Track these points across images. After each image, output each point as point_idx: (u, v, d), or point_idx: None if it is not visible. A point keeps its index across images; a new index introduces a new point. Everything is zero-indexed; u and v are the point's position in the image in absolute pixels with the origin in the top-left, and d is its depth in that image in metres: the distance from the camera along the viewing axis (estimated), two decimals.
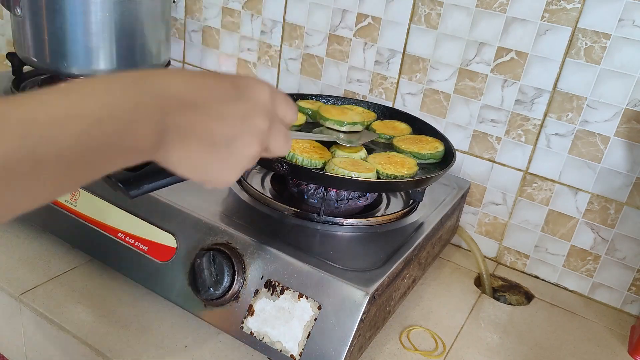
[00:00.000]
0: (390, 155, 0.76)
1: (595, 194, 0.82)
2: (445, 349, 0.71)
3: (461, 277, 0.87)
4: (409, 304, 0.78)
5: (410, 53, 0.92)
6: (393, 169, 0.72)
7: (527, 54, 0.82)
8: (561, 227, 0.86)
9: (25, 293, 0.70)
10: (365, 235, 0.69)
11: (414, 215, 0.75)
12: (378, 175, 0.70)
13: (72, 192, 0.75)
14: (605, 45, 0.76)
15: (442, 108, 0.91)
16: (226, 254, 0.61)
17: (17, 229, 0.82)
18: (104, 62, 0.95)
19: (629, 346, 0.77)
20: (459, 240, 0.95)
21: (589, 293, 0.87)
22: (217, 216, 0.66)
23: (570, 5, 0.77)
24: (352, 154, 0.74)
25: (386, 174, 0.71)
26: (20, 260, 0.76)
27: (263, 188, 0.78)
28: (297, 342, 0.58)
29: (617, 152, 0.79)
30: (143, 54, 1.00)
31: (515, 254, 0.92)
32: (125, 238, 0.70)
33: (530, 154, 0.86)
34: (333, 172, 0.68)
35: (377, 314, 0.62)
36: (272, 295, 0.60)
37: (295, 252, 0.61)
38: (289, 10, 1.02)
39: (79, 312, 0.68)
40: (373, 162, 0.73)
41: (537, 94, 0.83)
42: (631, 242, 0.81)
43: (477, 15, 0.84)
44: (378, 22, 0.93)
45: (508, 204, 0.90)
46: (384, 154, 0.76)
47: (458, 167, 0.92)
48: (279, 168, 0.66)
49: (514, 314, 0.80)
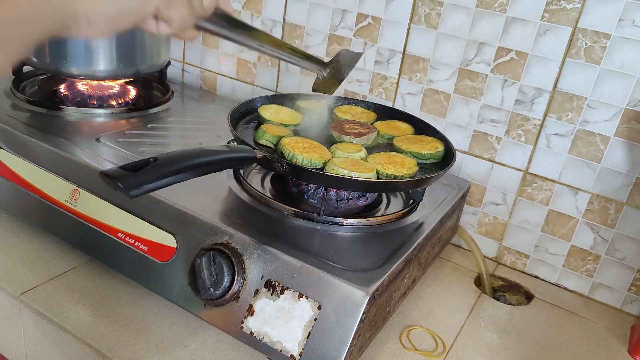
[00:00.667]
0: (390, 155, 0.76)
1: (595, 194, 0.82)
2: (445, 349, 0.71)
3: (461, 277, 0.87)
4: (409, 304, 0.78)
5: (410, 53, 0.92)
6: (393, 169, 0.72)
7: (527, 54, 0.82)
8: (561, 227, 0.86)
9: (25, 293, 0.70)
10: (365, 235, 0.69)
11: (414, 215, 0.75)
12: (378, 175, 0.70)
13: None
14: (605, 45, 0.76)
15: (442, 108, 0.91)
16: (226, 254, 0.61)
17: (17, 229, 0.82)
18: (104, 62, 0.95)
19: (629, 346, 0.77)
20: (459, 240, 0.95)
21: (589, 293, 0.87)
22: (217, 216, 0.66)
23: (570, 5, 0.77)
24: (352, 153, 0.74)
25: (386, 174, 0.71)
26: (20, 260, 0.76)
27: (263, 188, 0.78)
28: (297, 342, 0.58)
29: (617, 152, 0.79)
30: (143, 54, 1.00)
31: (515, 254, 0.92)
32: (125, 238, 0.70)
33: (530, 154, 0.86)
34: (333, 172, 0.68)
35: (377, 314, 0.62)
36: (272, 295, 0.60)
37: (295, 252, 0.61)
38: (289, 10, 1.02)
39: (79, 312, 0.68)
40: (373, 162, 0.73)
41: (537, 94, 0.83)
42: (631, 242, 0.81)
43: (477, 15, 0.84)
44: (378, 22, 0.93)
45: (508, 204, 0.90)
46: (383, 154, 0.76)
47: (458, 167, 0.92)
48: (279, 168, 0.66)
49: (514, 314, 0.80)
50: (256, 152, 0.66)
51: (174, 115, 1.00)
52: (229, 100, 1.13)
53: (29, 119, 0.87)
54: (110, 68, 0.96)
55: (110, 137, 0.84)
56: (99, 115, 0.94)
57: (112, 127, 0.89)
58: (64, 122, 0.89)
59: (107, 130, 0.87)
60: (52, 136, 0.81)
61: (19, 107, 0.91)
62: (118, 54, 0.96)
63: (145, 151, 0.81)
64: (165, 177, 0.54)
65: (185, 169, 0.56)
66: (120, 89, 1.03)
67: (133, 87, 1.05)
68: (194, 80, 1.22)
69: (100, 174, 0.51)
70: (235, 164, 0.73)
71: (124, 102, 1.00)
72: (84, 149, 0.79)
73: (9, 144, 0.82)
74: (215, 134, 0.92)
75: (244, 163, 0.77)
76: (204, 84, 1.21)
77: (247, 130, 0.80)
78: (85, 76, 0.96)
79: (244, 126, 0.81)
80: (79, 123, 0.90)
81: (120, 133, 0.87)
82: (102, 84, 1.02)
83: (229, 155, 0.63)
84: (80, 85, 1.01)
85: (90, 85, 1.01)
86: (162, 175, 0.54)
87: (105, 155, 0.78)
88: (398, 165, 0.73)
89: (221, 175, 0.76)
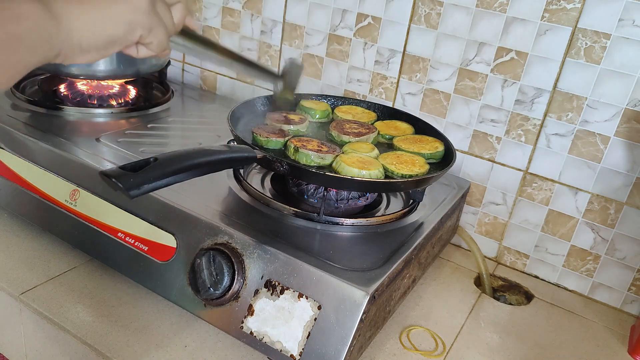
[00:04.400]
0: (398, 154, 0.76)
1: (595, 194, 0.82)
2: (445, 348, 0.71)
3: (461, 277, 0.87)
4: (409, 303, 0.78)
5: (410, 53, 0.92)
6: (406, 168, 0.72)
7: (527, 54, 0.82)
8: (561, 227, 0.86)
9: (25, 293, 0.70)
10: (365, 235, 0.69)
11: (414, 215, 0.75)
12: (392, 176, 0.71)
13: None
14: (605, 45, 0.76)
15: (442, 108, 0.91)
16: (226, 254, 0.61)
17: (17, 229, 0.82)
18: (104, 62, 0.95)
19: (628, 346, 0.77)
20: (459, 240, 0.95)
21: (588, 293, 0.87)
22: (217, 216, 0.66)
23: (570, 5, 0.77)
24: (363, 153, 0.74)
25: (401, 174, 0.71)
26: (20, 260, 0.76)
27: (263, 188, 0.78)
28: (297, 341, 0.58)
29: (617, 152, 0.79)
30: None
31: (515, 253, 0.92)
32: (125, 238, 0.70)
33: (530, 153, 0.86)
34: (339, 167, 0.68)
35: (377, 313, 0.62)
36: (272, 295, 0.60)
37: (295, 252, 0.61)
38: (289, 10, 1.02)
39: (79, 312, 0.68)
40: (384, 162, 0.73)
41: (537, 94, 0.83)
42: (631, 242, 0.81)
43: (477, 15, 0.84)
44: (378, 22, 0.93)
45: (508, 204, 0.90)
46: (392, 153, 0.76)
47: (458, 167, 0.92)
48: (279, 168, 0.66)
49: (514, 314, 0.80)
50: (256, 152, 0.66)
51: (174, 115, 1.00)
52: (229, 100, 1.13)
53: (29, 119, 0.87)
54: (110, 68, 0.96)
55: (110, 137, 0.84)
56: (99, 115, 0.94)
57: (112, 127, 0.89)
58: (63, 122, 0.89)
59: (107, 130, 0.87)
60: (52, 136, 0.81)
61: (19, 107, 0.91)
62: (118, 54, 0.95)
63: (145, 151, 0.81)
64: (165, 177, 0.54)
65: (185, 169, 0.56)
66: (120, 89, 1.03)
67: (133, 87, 1.05)
68: (194, 80, 1.22)
69: (100, 174, 0.51)
70: (235, 164, 0.73)
71: (124, 102, 1.00)
72: (84, 149, 0.79)
73: (9, 143, 0.82)
74: (215, 134, 0.92)
75: (244, 163, 0.77)
76: (204, 84, 1.21)
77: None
78: (85, 76, 0.96)
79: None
80: (79, 123, 0.90)
81: (120, 133, 0.87)
82: (102, 84, 1.02)
83: (229, 155, 0.63)
84: (80, 85, 1.01)
85: (90, 85, 1.01)
86: (162, 175, 0.54)
87: (105, 155, 0.78)
88: (409, 164, 0.73)
89: (221, 175, 0.76)
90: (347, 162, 0.69)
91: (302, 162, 0.70)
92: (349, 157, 0.71)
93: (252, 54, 1.11)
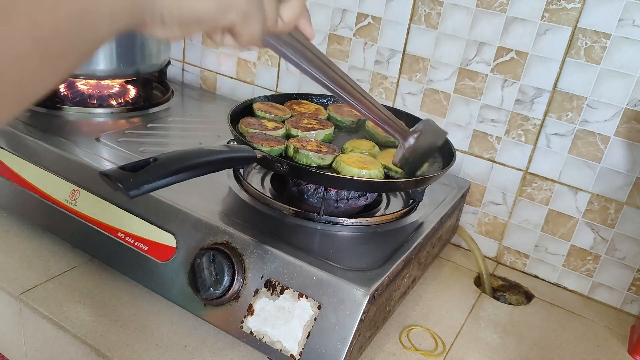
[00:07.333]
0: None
1: (595, 194, 0.82)
2: (445, 348, 0.71)
3: (461, 277, 0.87)
4: (409, 303, 0.78)
5: (410, 53, 0.92)
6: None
7: (527, 54, 0.82)
8: (561, 226, 0.86)
9: (25, 293, 0.70)
10: (365, 235, 0.69)
11: (413, 215, 0.75)
12: (392, 175, 0.70)
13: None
14: (605, 45, 0.76)
15: (442, 108, 0.91)
16: (226, 254, 0.61)
17: (17, 229, 0.82)
18: (104, 62, 0.95)
19: (628, 346, 0.77)
20: (459, 240, 0.95)
21: (588, 293, 0.87)
22: (217, 216, 0.66)
23: (570, 5, 0.77)
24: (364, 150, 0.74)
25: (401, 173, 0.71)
26: (20, 260, 0.76)
27: (263, 188, 0.78)
28: (297, 341, 0.58)
29: (617, 152, 0.79)
30: (143, 53, 1.00)
31: (515, 253, 0.92)
32: (125, 238, 0.70)
33: (530, 153, 0.86)
34: (339, 167, 0.68)
35: (377, 313, 0.62)
36: (272, 294, 0.60)
37: (295, 251, 0.61)
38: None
39: (79, 312, 0.68)
40: (384, 161, 0.72)
41: (537, 94, 0.83)
42: (631, 242, 0.81)
43: (477, 15, 0.84)
44: (378, 22, 0.93)
45: (508, 204, 0.90)
46: (392, 150, 0.76)
47: (458, 167, 0.92)
48: (279, 168, 0.66)
49: (513, 314, 0.80)
50: (256, 152, 0.66)
51: (174, 115, 1.00)
52: (229, 100, 1.13)
53: (29, 119, 0.87)
54: (110, 67, 0.96)
55: (110, 137, 0.84)
56: (98, 114, 0.94)
57: (112, 126, 0.89)
58: (63, 121, 0.89)
59: (107, 130, 0.87)
60: (52, 136, 0.81)
61: None
62: (118, 54, 0.96)
63: (145, 151, 0.81)
64: (165, 177, 0.54)
65: (185, 169, 0.56)
66: (120, 89, 1.03)
67: (133, 86, 1.05)
68: (194, 80, 1.22)
69: (99, 174, 0.51)
70: (235, 164, 0.73)
71: (123, 102, 1.00)
72: (84, 149, 0.79)
73: (9, 143, 0.82)
74: (215, 134, 0.92)
75: (244, 163, 0.77)
76: (204, 84, 1.21)
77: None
78: (85, 75, 0.96)
79: None
80: (78, 123, 0.90)
81: (120, 133, 0.87)
82: (102, 84, 1.02)
83: (229, 155, 0.63)
84: (80, 85, 1.01)
85: (90, 85, 1.01)
86: (162, 175, 0.54)
87: (105, 155, 0.78)
88: None
89: (221, 175, 0.76)
90: (347, 162, 0.69)
91: (303, 163, 0.70)
92: (349, 157, 0.71)
93: (252, 54, 1.10)
